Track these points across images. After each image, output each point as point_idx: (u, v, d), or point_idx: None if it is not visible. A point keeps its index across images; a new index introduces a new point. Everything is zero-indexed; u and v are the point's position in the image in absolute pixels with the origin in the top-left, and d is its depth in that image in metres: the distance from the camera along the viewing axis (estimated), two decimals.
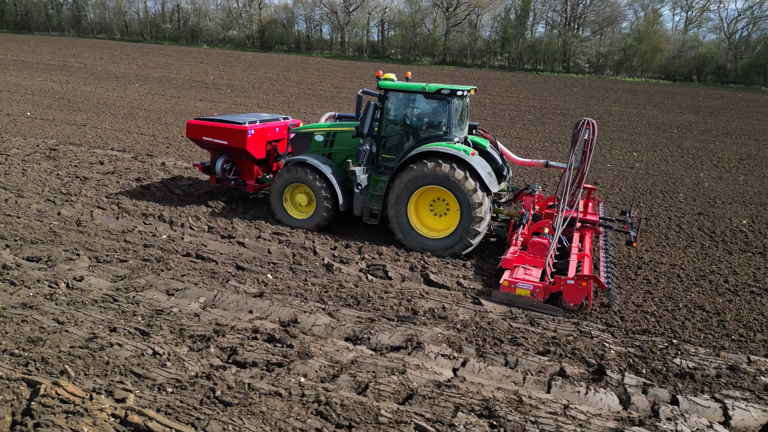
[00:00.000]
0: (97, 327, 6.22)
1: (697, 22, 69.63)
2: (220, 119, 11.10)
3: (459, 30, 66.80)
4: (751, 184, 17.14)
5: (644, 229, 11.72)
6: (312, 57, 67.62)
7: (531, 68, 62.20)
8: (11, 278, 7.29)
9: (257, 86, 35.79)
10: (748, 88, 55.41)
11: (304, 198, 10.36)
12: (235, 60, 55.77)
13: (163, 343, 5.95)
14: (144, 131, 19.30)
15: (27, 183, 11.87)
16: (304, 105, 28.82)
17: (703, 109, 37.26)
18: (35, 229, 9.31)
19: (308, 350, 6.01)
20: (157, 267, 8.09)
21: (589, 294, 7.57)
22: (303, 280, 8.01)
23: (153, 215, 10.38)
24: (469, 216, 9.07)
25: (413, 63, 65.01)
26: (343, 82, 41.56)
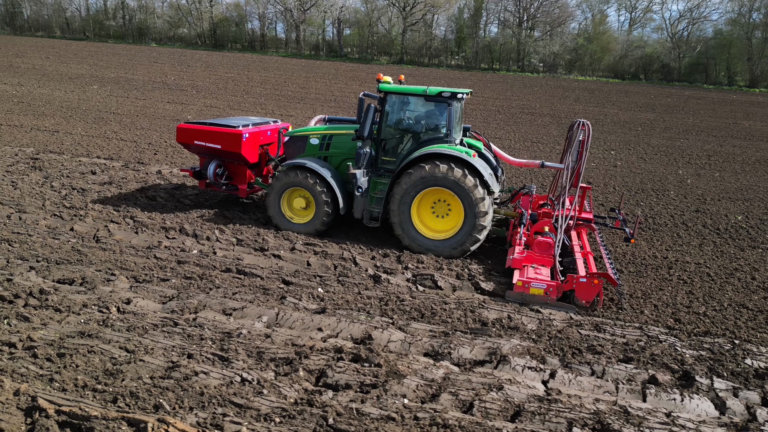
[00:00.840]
0: (171, 354, 5.89)
1: (641, 22, 72.58)
2: (212, 123, 10.80)
3: (415, 29, 67.14)
4: (728, 180, 17.97)
5: (643, 226, 12.11)
6: (268, 56, 66.48)
7: (487, 67, 63.24)
8: (54, 304, 6.81)
9: (222, 87, 34.88)
10: (691, 85, 58.16)
11: (302, 202, 10.16)
12: (190, 59, 54.18)
13: (247, 369, 5.69)
14: (122, 137, 18.45)
15: (23, 197, 11.13)
16: (275, 106, 28.30)
17: (657, 107, 38.83)
18: (54, 247, 8.73)
19: (396, 369, 5.88)
20: (203, 285, 7.74)
21: (599, 291, 7.80)
22: (356, 294, 7.84)
23: (173, 228, 9.92)
24: (473, 217, 9.17)
25: (371, 62, 64.93)
26: (308, 82, 41.09)
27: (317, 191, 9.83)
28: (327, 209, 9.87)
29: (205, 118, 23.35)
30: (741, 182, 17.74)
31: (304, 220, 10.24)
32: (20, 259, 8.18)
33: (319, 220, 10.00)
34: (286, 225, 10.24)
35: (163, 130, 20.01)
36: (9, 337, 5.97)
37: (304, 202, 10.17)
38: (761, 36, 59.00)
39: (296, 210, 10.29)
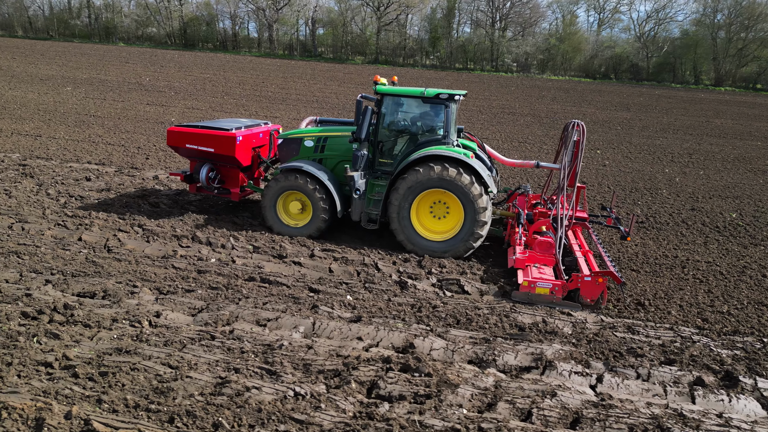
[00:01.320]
0: (216, 369, 5.72)
1: (609, 23, 74.07)
2: (204, 126, 10.62)
3: (390, 29, 67.16)
4: (714, 178, 18.45)
5: (647, 225, 12.34)
6: (241, 56, 65.59)
7: (462, 67, 63.67)
8: (82, 319, 6.55)
9: (200, 88, 34.26)
10: (660, 84, 59.63)
11: (298, 205, 10.06)
12: (161, 59, 53.08)
13: (298, 383, 5.57)
14: (109, 141, 17.93)
15: (21, 205, 10.70)
16: (258, 107, 27.94)
17: (632, 106, 39.65)
18: (67, 259, 8.42)
19: (447, 378, 5.83)
20: (231, 296, 7.55)
21: (604, 289, 7.94)
22: (387, 301, 7.77)
23: (185, 236, 9.67)
24: (473, 218, 9.24)
25: (346, 62, 64.70)
26: (287, 83, 40.69)
27: (314, 195, 9.74)
28: (324, 212, 9.80)
29: (188, 120, 22.92)
30: (726, 180, 18.22)
31: (300, 223, 10.12)
32: (33, 272, 7.86)
33: (316, 224, 9.92)
34: (282, 229, 10.11)
35: (150, 134, 19.54)
36: (44, 356, 5.71)
37: (300, 205, 10.06)
38: (725, 36, 60.78)
39: (292, 213, 10.17)
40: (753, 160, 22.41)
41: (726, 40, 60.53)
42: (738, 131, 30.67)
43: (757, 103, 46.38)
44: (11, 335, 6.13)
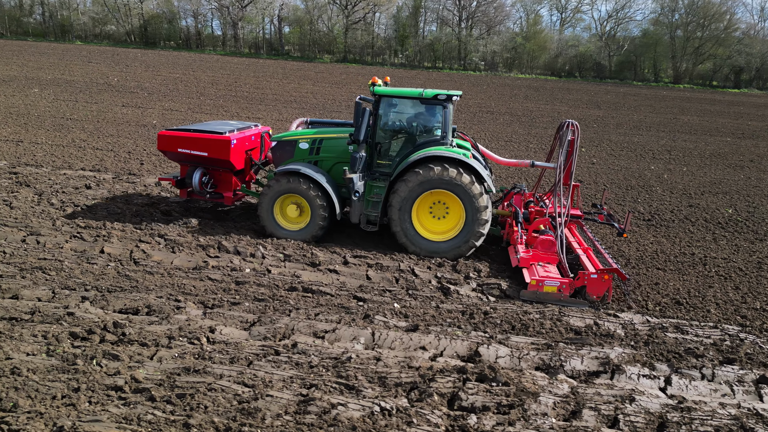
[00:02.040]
0: (292, 386, 5.57)
1: (571, 22, 75.69)
2: (195, 129, 10.39)
3: (358, 28, 66.91)
4: (697, 174, 19.07)
5: (653, 223, 12.67)
6: (206, 54, 64.23)
7: (431, 66, 63.99)
8: (137, 338, 6.29)
9: (172, 88, 33.40)
10: (622, 82, 61.34)
11: (295, 209, 9.93)
12: (125, 58, 51.47)
13: (380, 397, 5.47)
14: (95, 145, 17.27)
15: (27, 216, 10.20)
16: (238, 108, 27.44)
17: (601, 104, 40.61)
18: (97, 273, 8.07)
19: (523, 386, 5.83)
20: (280, 307, 7.38)
21: (609, 286, 8.14)
22: (435, 308, 7.73)
23: (211, 246, 9.40)
24: (474, 218, 9.33)
25: (314, 60, 64.16)
26: (260, 82, 40.06)
27: (313, 197, 9.64)
28: (323, 215, 9.71)
29: (169, 123, 22.32)
30: (710, 176, 18.86)
31: (298, 226, 10.00)
32: (66, 288, 7.50)
33: (315, 227, 9.83)
34: (280, 233, 9.98)
35: (135, 137, 18.92)
36: (112, 380, 5.45)
37: (297, 208, 9.93)
38: (682, 35, 62.92)
39: (290, 217, 10.03)
40: (727, 156, 23.26)
41: (683, 39, 62.67)
42: (705, 127, 31.77)
43: (716, 100, 48.20)
44: (67, 358, 5.84)
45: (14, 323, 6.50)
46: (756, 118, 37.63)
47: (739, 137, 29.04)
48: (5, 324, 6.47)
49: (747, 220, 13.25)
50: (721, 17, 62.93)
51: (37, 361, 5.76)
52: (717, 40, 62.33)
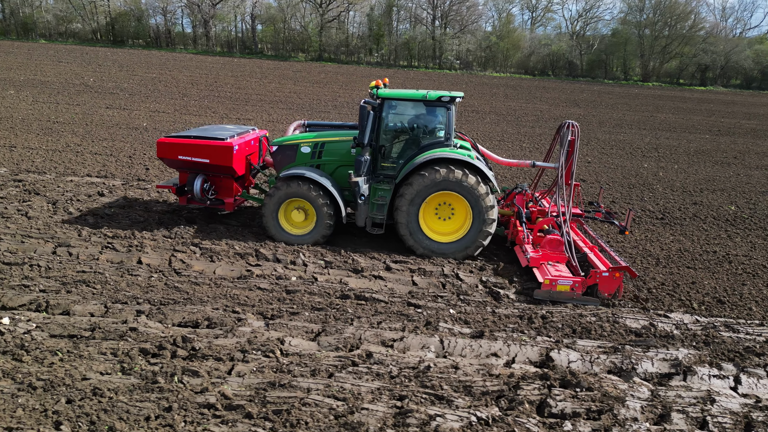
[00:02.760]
0: (382, 397, 5.54)
1: (542, 21, 76.87)
2: (195, 136, 10.22)
3: (333, 26, 66.58)
4: (689, 171, 19.62)
5: (667, 221, 13.01)
6: (178, 53, 62.98)
7: (407, 65, 64.13)
8: (211, 352, 6.16)
9: (152, 89, 32.68)
10: (594, 80, 62.66)
11: (300, 213, 9.87)
12: (96, 57, 50.08)
13: (473, 407, 5.50)
14: (92, 150, 16.77)
15: (49, 227, 9.85)
16: (225, 109, 27.05)
17: (580, 102, 41.44)
18: (143, 286, 7.86)
19: (605, 391, 5.91)
20: (340, 316, 7.32)
21: (620, 284, 8.34)
22: (491, 312, 7.78)
23: (249, 254, 9.25)
24: (482, 218, 9.45)
25: (289, 59, 63.58)
26: (240, 82, 39.54)
27: (318, 202, 9.60)
28: (329, 219, 9.68)
29: (159, 125, 21.88)
30: (702, 173, 19.44)
31: (303, 231, 9.94)
32: (117, 302, 7.28)
33: (320, 231, 9.78)
34: (285, 238, 9.89)
35: (131, 141, 18.44)
36: (203, 397, 5.33)
37: (302, 213, 9.88)
38: (650, 34, 64.59)
39: (294, 222, 9.97)
40: (711, 153, 23.99)
41: (651, 38, 64.34)
42: (681, 125, 32.69)
43: (686, 98, 49.65)
44: (146, 376, 5.68)
45: (76, 341, 6.29)
46: (727, 115, 38.93)
47: (716, 134, 29.99)
48: (67, 342, 6.26)
49: (751, 217, 13.70)
50: (686, 17, 64.81)
51: (116, 380, 5.60)
52: (683, 39, 64.20)
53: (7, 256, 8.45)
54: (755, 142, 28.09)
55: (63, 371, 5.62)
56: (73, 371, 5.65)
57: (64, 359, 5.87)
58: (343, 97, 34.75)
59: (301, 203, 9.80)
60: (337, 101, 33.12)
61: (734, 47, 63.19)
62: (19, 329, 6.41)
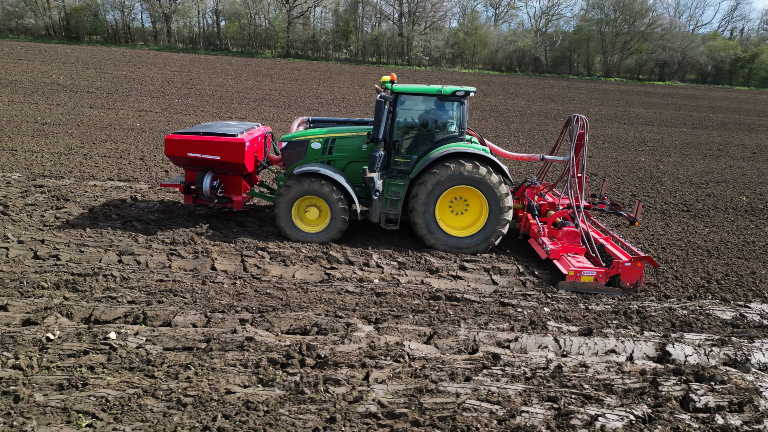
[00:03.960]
0: (533, 399, 5.55)
1: (505, 18, 78.04)
2: (204, 132, 9.93)
3: (301, 22, 65.78)
4: (685, 164, 20.36)
5: (694, 212, 13.50)
6: (140, 50, 60.89)
7: (375, 61, 64.00)
8: (338, 360, 6.03)
9: (128, 87, 31.57)
10: (559, 76, 64.05)
11: (315, 210, 9.77)
12: (55, 54, 47.89)
13: (626, 405, 5.53)
14: (99, 153, 16.08)
15: (103, 235, 9.39)
16: (213, 108, 26.39)
17: (555, 98, 42.27)
18: (232, 293, 7.64)
19: (737, 383, 6.06)
20: (444, 318, 7.28)
21: (641, 273, 8.58)
22: (585, 309, 7.89)
23: (319, 257, 9.06)
24: (498, 212, 9.54)
25: (255, 56, 62.46)
26: (214, 79, 38.61)
27: (333, 199, 9.50)
28: (344, 216, 9.58)
29: (150, 124, 21.14)
30: (697, 166, 20.19)
31: (317, 228, 9.80)
32: (215, 311, 7.03)
33: (335, 228, 9.68)
34: (298, 236, 9.74)
35: (135, 143, 17.78)
36: (363, 407, 5.21)
37: (316, 210, 9.77)
38: (611, 31, 66.53)
39: (308, 219, 9.84)
40: (696, 146, 24.94)
41: (612, 35, 66.28)
42: (656, 119, 33.80)
43: (651, 92, 51.40)
44: (289, 387, 5.53)
45: (196, 353, 6.06)
46: (693, 109, 40.50)
47: (691, 128, 31.18)
48: (187, 355, 6.02)
49: (766, 207, 14.33)
50: (644, 14, 67.04)
51: (260, 392, 5.42)
52: (642, 35, 66.38)
53: (75, 267, 8.05)
54: (730, 134, 29.34)
55: (205, 385, 5.41)
56: (215, 385, 5.44)
57: (198, 373, 5.64)
58: (326, 95, 34.44)
59: (314, 200, 9.65)
60: (321, 98, 32.79)
61: (690, 43, 65.80)
62: (130, 344, 6.13)
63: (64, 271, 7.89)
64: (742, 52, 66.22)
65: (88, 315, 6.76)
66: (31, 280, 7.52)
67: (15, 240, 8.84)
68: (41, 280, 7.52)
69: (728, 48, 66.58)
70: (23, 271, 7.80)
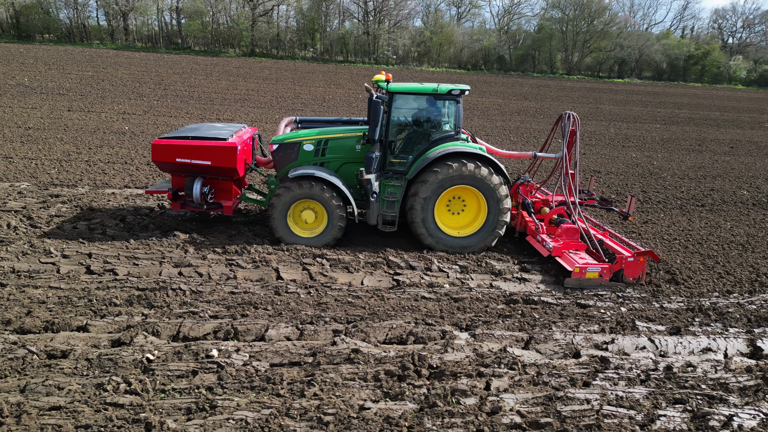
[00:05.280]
0: (661, 402, 5.60)
1: (467, 17, 78.86)
2: (192, 136, 9.52)
3: (265, 21, 64.67)
4: (673, 159, 21.03)
5: (709, 207, 13.96)
6: (98, 49, 58.54)
7: (343, 60, 63.58)
8: (455, 370, 5.94)
9: (99, 88, 30.31)
10: (524, 74, 65.15)
11: (310, 213, 9.49)
12: (9, 54, 45.52)
13: (752, 403, 5.64)
14: (100, 158, 15.36)
15: (149, 246, 8.96)
16: (197, 110, 25.72)
17: (528, 95, 42.99)
18: (312, 303, 7.43)
19: None
20: (531, 322, 7.26)
21: (644, 268, 8.77)
22: (660, 307, 8.01)
23: (379, 263, 8.91)
24: (497, 208, 9.50)
25: (219, 55, 61.07)
26: (186, 79, 37.46)
27: (331, 202, 9.24)
28: (341, 219, 9.35)
29: (138, 128, 20.39)
30: (687, 161, 20.88)
31: (313, 233, 9.53)
32: (303, 323, 6.80)
33: (333, 232, 9.42)
34: (295, 240, 9.41)
35: (131, 148, 17.07)
36: (505, 418, 5.13)
37: (311, 213, 9.48)
38: (572, 30, 68.16)
39: (303, 223, 9.56)
40: (677, 142, 25.77)
41: (573, 34, 67.91)
42: (628, 116, 34.80)
43: (615, 89, 52.80)
44: (419, 399, 5.41)
45: (305, 368, 5.85)
46: (658, 106, 41.88)
47: (664, 124, 32.24)
48: (299, 371, 5.81)
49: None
50: (602, 12, 68.95)
51: (393, 406, 5.30)
52: (600, 34, 68.26)
53: (137, 281, 7.66)
54: (701, 130, 30.45)
55: (337, 402, 5.22)
56: (347, 401, 5.26)
57: (324, 389, 5.44)
58: (306, 94, 34.02)
59: (310, 204, 9.38)
60: (301, 98, 32.36)
61: (646, 41, 68.10)
62: (235, 361, 5.87)
63: (128, 286, 7.49)
64: (695, 50, 68.96)
65: (176, 332, 6.44)
66: (100, 297, 7.10)
67: (59, 254, 8.34)
68: (110, 296, 7.12)
69: (682, 46, 69.23)
70: (85, 288, 7.37)
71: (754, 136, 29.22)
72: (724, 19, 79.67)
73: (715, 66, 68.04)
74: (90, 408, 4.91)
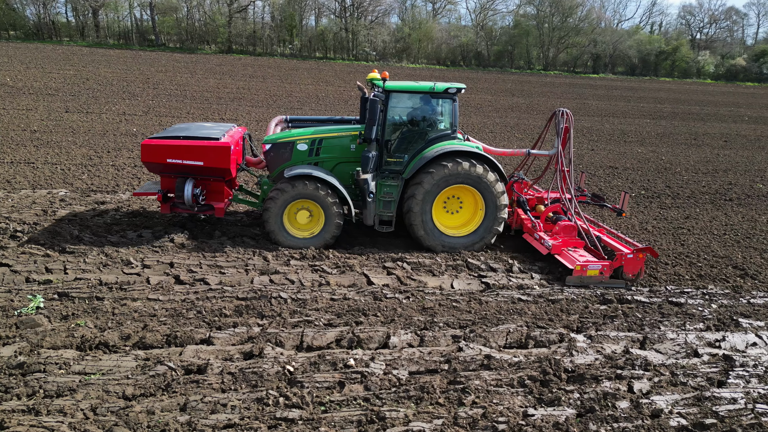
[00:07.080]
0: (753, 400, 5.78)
1: (443, 13, 79.19)
2: (183, 136, 9.32)
3: (242, 17, 63.66)
4: (677, 154, 21.61)
5: (734, 201, 14.41)
6: (69, 46, 56.68)
7: (322, 56, 63.16)
8: (595, 373, 6.02)
9: (86, 87, 29.42)
10: (502, 70, 65.90)
11: (305, 214, 9.37)
12: None
13: None
14: (124, 163, 14.94)
15: (227, 254, 8.75)
16: (195, 110, 25.18)
17: (515, 92, 43.44)
18: (416, 308, 7.41)
19: None
20: (641, 322, 7.39)
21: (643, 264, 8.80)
22: (747, 303, 8.23)
23: (459, 266, 8.91)
24: (495, 211, 9.48)
25: (196, 52, 59.89)
26: (172, 78, 36.67)
27: (328, 202, 9.12)
28: (338, 219, 9.24)
29: (144, 128, 19.93)
30: (693, 156, 21.45)
31: (310, 233, 9.42)
32: (423, 330, 6.77)
33: (330, 232, 9.31)
34: (289, 241, 9.27)
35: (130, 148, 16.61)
36: (672, 421, 5.21)
37: (306, 213, 9.36)
38: (548, 25, 69.20)
39: (300, 224, 9.43)
40: (672, 136, 26.47)
41: (549, 30, 68.95)
42: (615, 111, 35.54)
43: (595, 85, 53.85)
44: (575, 405, 5.46)
45: (445, 375, 5.82)
46: (640, 101, 42.83)
47: (651, 119, 33.03)
48: (441, 379, 5.77)
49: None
50: (575, 9, 70.19)
51: (553, 412, 5.31)
52: (575, 30, 69.50)
53: (234, 291, 7.49)
54: (688, 124, 31.33)
55: (498, 409, 5.22)
56: (512, 408, 5.26)
57: (480, 396, 5.43)
58: (299, 93, 33.67)
59: (306, 204, 9.25)
60: (294, 96, 32.05)
61: (619, 38, 69.65)
62: (375, 369, 5.80)
63: (228, 296, 7.32)
64: (665, 46, 70.86)
65: (299, 342, 6.33)
66: (208, 308, 6.91)
67: (139, 264, 8.09)
68: (218, 307, 6.94)
69: (653, 42, 71.06)
70: (185, 299, 7.17)
71: (741, 129, 30.20)
72: (691, 15, 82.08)
73: (684, 61, 70.07)
74: (264, 424, 4.79)
